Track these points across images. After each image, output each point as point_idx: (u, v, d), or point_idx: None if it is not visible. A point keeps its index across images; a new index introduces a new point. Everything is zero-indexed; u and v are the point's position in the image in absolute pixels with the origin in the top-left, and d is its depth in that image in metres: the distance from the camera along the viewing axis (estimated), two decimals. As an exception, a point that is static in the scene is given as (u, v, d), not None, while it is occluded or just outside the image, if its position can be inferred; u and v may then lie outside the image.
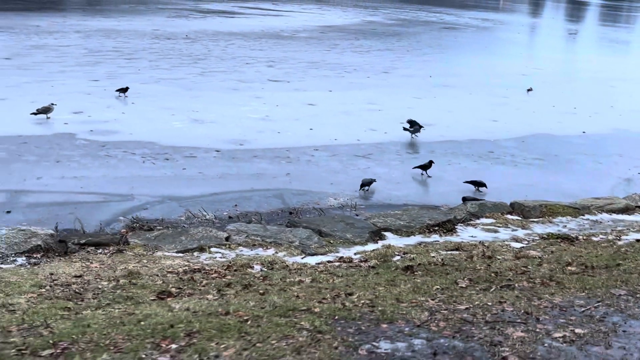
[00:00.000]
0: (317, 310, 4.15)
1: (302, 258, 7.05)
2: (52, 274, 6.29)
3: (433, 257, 6.65)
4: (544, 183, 11.97)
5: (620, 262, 5.59)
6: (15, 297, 5.29)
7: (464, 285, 4.71)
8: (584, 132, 15.93)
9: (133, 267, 6.58)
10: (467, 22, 45.88)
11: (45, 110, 13.64)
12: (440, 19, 46.46)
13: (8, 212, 9.08)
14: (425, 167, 11.57)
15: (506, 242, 7.68)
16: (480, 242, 7.51)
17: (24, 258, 6.87)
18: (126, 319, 4.04)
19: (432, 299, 4.37)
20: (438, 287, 4.71)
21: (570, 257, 5.89)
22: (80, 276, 6.26)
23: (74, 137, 12.73)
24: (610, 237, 7.80)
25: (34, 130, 13.00)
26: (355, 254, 7.19)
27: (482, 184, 11.04)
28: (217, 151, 12.53)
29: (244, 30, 31.60)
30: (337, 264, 6.54)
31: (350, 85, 19.91)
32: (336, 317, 3.99)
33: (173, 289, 5.18)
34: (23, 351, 3.57)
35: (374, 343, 3.56)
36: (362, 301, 4.32)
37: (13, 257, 6.85)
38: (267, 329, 3.79)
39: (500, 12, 64.44)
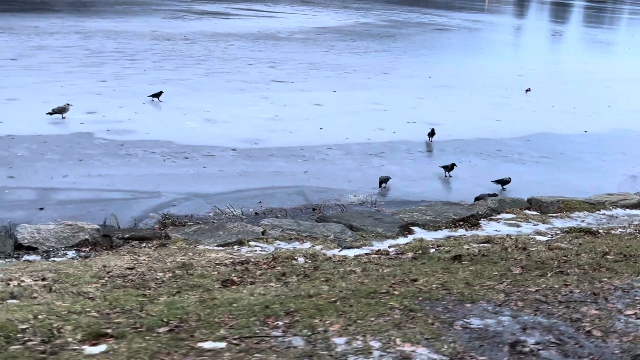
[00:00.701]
0: (396, 292, 4.45)
1: (339, 251, 7.34)
2: (104, 266, 6.54)
3: (467, 249, 6.96)
4: (554, 180, 12.34)
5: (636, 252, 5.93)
6: (84, 286, 5.54)
7: (518, 272, 5.03)
8: (585, 131, 16.35)
9: (181, 259, 6.84)
10: (458, 24, 46.36)
11: (61, 110, 13.83)
12: (432, 20, 46.92)
13: (41, 208, 9.32)
14: (448, 168, 11.88)
15: (531, 236, 8.01)
16: (507, 235, 7.84)
17: (74, 251, 7.12)
18: (216, 302, 4.30)
19: (500, 283, 4.68)
20: (496, 273, 5.02)
21: (604, 248, 6.22)
22: (132, 268, 6.52)
23: (92, 137, 12.94)
24: (629, 231, 8.14)
25: (51, 129, 13.19)
26: (389, 247, 7.49)
27: (507, 182, 11.39)
28: (234, 150, 12.80)
29: (240, 31, 31.82)
30: (375, 256, 6.84)
31: (353, 85, 20.22)
32: (420, 298, 4.29)
33: (235, 278, 5.45)
34: (138, 329, 3.83)
35: (465, 320, 3.86)
36: (434, 285, 4.62)
37: (63, 250, 7.10)
38: (361, 308, 4.08)
39: (488, 14, 65.09)
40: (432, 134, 13.93)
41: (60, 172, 10.84)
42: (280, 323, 3.87)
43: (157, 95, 15.96)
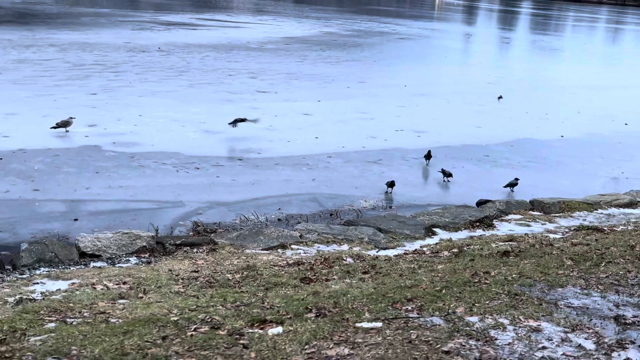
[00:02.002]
0: (489, 280, 5.10)
1: (377, 252, 7.98)
2: (170, 270, 7.06)
3: (495, 247, 7.68)
4: (543, 183, 13.23)
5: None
6: (171, 287, 6.07)
7: (571, 263, 5.73)
8: (562, 136, 17.37)
9: (238, 262, 7.40)
10: (418, 33, 47.59)
11: (65, 123, 14.16)
12: (393, 29, 48.03)
13: (75, 219, 9.72)
14: (447, 174, 12.63)
15: (545, 234, 8.79)
16: (525, 234, 8.60)
17: (135, 258, 7.60)
18: (325, 295, 4.87)
19: (570, 271, 5.38)
20: (554, 264, 5.72)
21: (628, 241, 6.99)
22: (197, 271, 7.06)
23: (101, 150, 13.31)
24: (630, 227, 8.99)
25: (59, 143, 13.51)
26: (421, 247, 8.17)
27: (515, 184, 12.22)
28: (240, 159, 13.34)
29: (211, 42, 32.24)
30: (416, 255, 7.49)
31: (335, 95, 20.91)
32: (514, 285, 4.95)
33: (310, 276, 6.04)
34: (288, 316, 4.38)
35: (565, 300, 4.53)
36: (513, 275, 5.29)
37: (125, 257, 7.57)
38: (471, 295, 4.72)
39: (444, 22, 66.75)
40: (428, 156, 13.63)
41: (81, 185, 11.22)
42: (409, 307, 4.48)
43: (241, 120, 15.14)
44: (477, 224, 9.43)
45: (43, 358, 3.88)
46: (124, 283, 6.38)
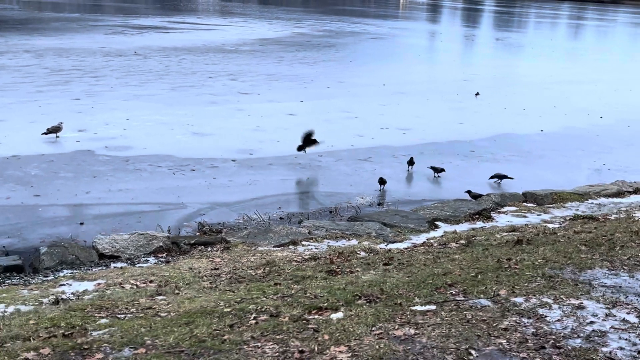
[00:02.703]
0: (518, 266, 5.38)
1: (386, 245, 8.24)
2: (190, 268, 7.24)
3: (500, 237, 7.99)
4: (529, 176, 13.62)
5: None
6: (201, 283, 6.25)
7: (587, 249, 6.05)
8: (542, 131, 17.83)
9: (255, 258, 7.60)
10: (389, 32, 48.08)
11: (55, 129, 14.18)
12: (364, 29, 48.44)
13: (81, 223, 9.81)
14: (438, 170, 12.95)
15: (543, 224, 9.13)
16: (525, 224, 8.93)
17: (153, 257, 7.76)
18: (362, 284, 5.10)
19: (592, 255, 5.68)
20: (571, 250, 6.03)
21: (629, 228, 7.35)
22: (217, 268, 7.24)
23: (94, 154, 13.37)
24: (622, 216, 9.38)
25: (52, 149, 13.54)
26: (428, 239, 8.44)
27: (504, 177, 12.60)
28: (233, 161, 13.50)
29: (186, 45, 32.26)
30: (425, 247, 7.77)
31: (316, 95, 21.15)
32: (545, 269, 5.23)
33: (334, 268, 6.27)
34: (340, 303, 4.59)
35: (598, 280, 4.83)
36: (538, 260, 5.58)
37: (144, 257, 7.72)
38: (508, 278, 4.99)
39: (412, 21, 67.43)
40: (411, 162, 13.31)
41: (81, 189, 11.29)
42: (454, 292, 4.74)
43: (310, 141, 13.77)
44: (477, 216, 9.75)
45: (120, 348, 4.04)
46: (151, 282, 6.54)
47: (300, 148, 13.81)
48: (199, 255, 7.88)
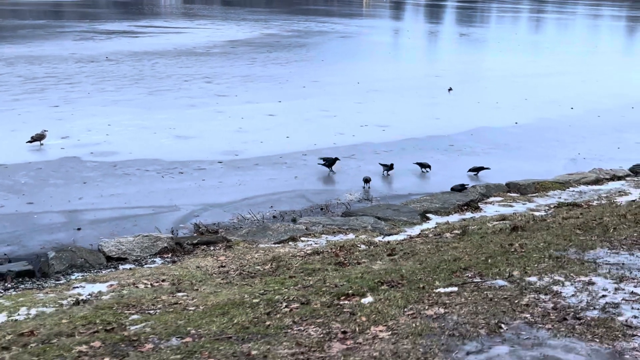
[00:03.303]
0: (524, 249, 5.71)
1: (383, 238, 8.55)
2: (198, 266, 7.47)
3: (493, 225, 8.35)
4: (509, 167, 14.04)
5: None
6: (214, 280, 6.48)
7: (581, 232, 6.41)
8: (516, 123, 18.33)
9: (258, 255, 7.85)
10: (357, 31, 48.50)
11: (40, 137, 14.23)
12: (332, 28, 48.78)
13: (78, 229, 9.95)
14: (424, 165, 13.30)
15: (529, 212, 9.52)
16: (513, 213, 9.31)
17: (159, 258, 7.96)
18: (379, 272, 5.38)
19: (589, 237, 6.03)
20: (568, 234, 6.38)
21: (615, 212, 7.74)
22: (223, 266, 7.48)
23: (81, 160, 13.46)
24: (604, 202, 9.81)
25: (38, 156, 13.60)
26: (422, 231, 8.77)
27: (481, 168, 13.00)
28: (220, 162, 13.70)
29: (157, 49, 32.24)
30: (422, 238, 8.09)
31: (293, 95, 21.40)
32: (550, 250, 5.56)
33: (342, 260, 6.56)
34: (365, 289, 4.86)
35: (602, 259, 5.17)
36: (540, 244, 5.91)
37: (150, 258, 7.93)
38: (517, 261, 5.31)
39: (378, 19, 67.98)
40: (390, 167, 13.04)
41: (73, 195, 11.40)
42: (470, 275, 5.04)
43: (331, 163, 13.22)
44: (465, 207, 10.11)
45: (167, 338, 4.26)
46: (163, 281, 6.76)
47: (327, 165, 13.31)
48: (203, 254, 8.10)
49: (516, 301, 4.46)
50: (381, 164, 13.28)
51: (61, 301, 6.18)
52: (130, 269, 7.54)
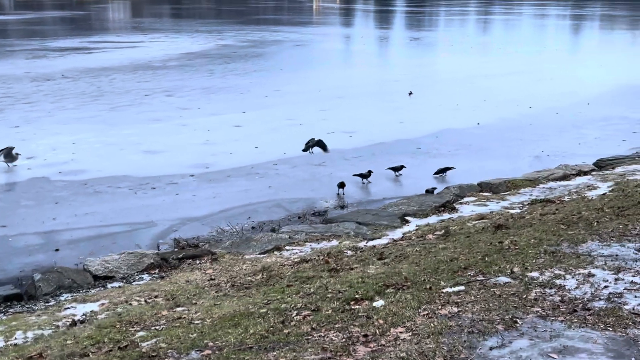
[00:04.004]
0: (517, 246, 5.85)
1: (366, 243, 8.66)
2: (187, 281, 7.48)
3: (472, 225, 8.53)
4: (476, 168, 14.31)
5: (626, 204, 7.75)
6: (208, 293, 6.51)
7: (567, 227, 6.60)
8: (478, 124, 18.68)
9: (246, 266, 7.90)
10: (311, 39, 48.73)
11: (13, 158, 13.98)
12: (286, 37, 48.90)
13: (57, 250, 9.84)
14: (397, 169, 13.47)
15: (505, 210, 9.74)
16: (490, 212, 9.52)
17: (147, 274, 7.93)
18: (376, 276, 5.47)
19: (576, 231, 6.21)
20: (554, 229, 6.56)
21: (592, 206, 7.98)
22: (213, 279, 7.51)
23: (50, 180, 13.27)
24: (574, 197, 10.10)
25: (5, 178, 13.44)
26: (404, 234, 8.92)
27: (446, 169, 13.23)
28: (192, 176, 13.66)
29: (113, 64, 31.91)
30: (407, 241, 8.22)
31: (256, 105, 21.41)
32: (543, 246, 5.72)
33: (337, 267, 6.64)
34: (371, 293, 4.93)
35: (596, 252, 5.34)
36: (531, 240, 6.07)
37: (137, 274, 7.90)
38: (514, 257, 5.45)
39: (330, 26, 68.42)
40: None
41: (46, 216, 11.26)
42: (471, 274, 5.17)
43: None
44: (442, 208, 10.29)
45: (188, 351, 4.27)
46: (156, 297, 6.75)
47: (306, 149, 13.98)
48: (190, 268, 8.10)
49: (524, 296, 4.61)
50: (356, 175, 13.30)
51: (56, 322, 6.13)
52: (119, 287, 7.50)
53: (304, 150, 14.25)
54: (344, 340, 4.12)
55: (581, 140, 16.86)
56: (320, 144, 14.60)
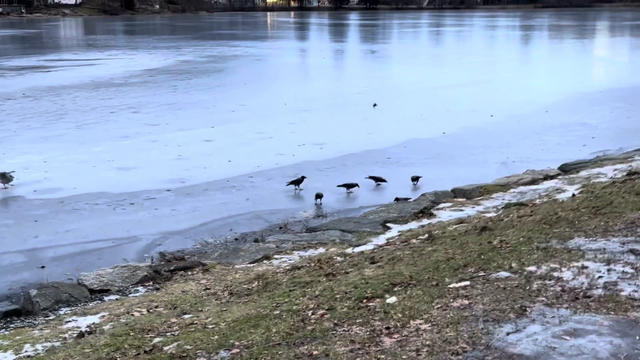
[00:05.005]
0: (509, 245, 6.18)
1: (353, 249, 8.94)
2: (184, 291, 7.66)
3: (453, 229, 8.88)
4: (446, 175, 14.71)
5: (599, 204, 8.17)
6: (210, 302, 6.70)
7: (549, 226, 6.97)
8: (444, 133, 19.16)
9: (239, 275, 8.11)
10: (270, 53, 49.14)
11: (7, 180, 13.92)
12: (245, 52, 49.21)
13: (42, 267, 9.87)
14: (378, 179, 13.79)
15: (481, 214, 10.14)
16: (468, 216, 9.90)
17: (142, 287, 8.07)
18: (378, 277, 5.73)
19: (564, 230, 6.55)
20: (538, 229, 6.89)
21: (568, 207, 8.37)
22: (209, 288, 7.70)
23: (26, 199, 13.24)
24: (545, 200, 10.55)
25: (-20, 198, 13.31)
26: (388, 239, 9.22)
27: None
28: (168, 191, 13.77)
29: (73, 82, 31.73)
30: (394, 246, 8.52)
31: (224, 120, 21.59)
32: (535, 243, 6.06)
33: (332, 272, 6.89)
34: (379, 292, 5.19)
35: (585, 247, 5.69)
36: (520, 238, 6.41)
37: (133, 287, 8.03)
38: (510, 254, 5.76)
39: (287, 40, 68.99)
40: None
41: (27, 234, 11.26)
42: (472, 270, 5.47)
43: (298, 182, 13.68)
44: (420, 214, 10.64)
45: (216, 351, 4.45)
46: (156, 307, 6.91)
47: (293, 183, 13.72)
48: (184, 279, 8.26)
49: (527, 288, 4.93)
50: (341, 185, 13.51)
51: (62, 335, 6.24)
52: (117, 299, 7.62)
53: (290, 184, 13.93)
54: (368, 333, 4.37)
55: (543, 146, 17.45)
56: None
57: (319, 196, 12.81)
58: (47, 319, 7.12)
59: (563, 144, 17.77)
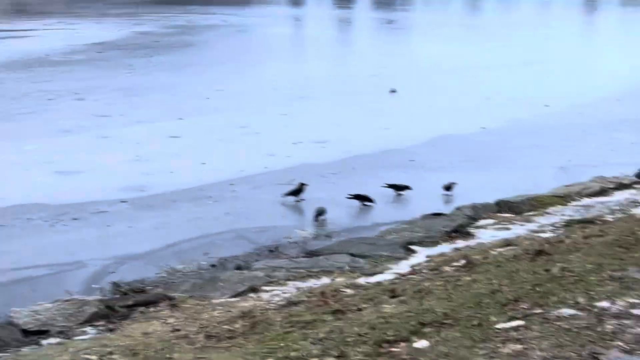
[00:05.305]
0: (574, 274, 6.24)
1: (367, 279, 9.01)
2: (145, 333, 7.70)
3: (498, 253, 8.95)
4: (488, 183, 14.76)
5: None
6: (180, 345, 6.76)
7: (624, 250, 7.05)
8: (483, 128, 19.24)
9: (219, 313, 8.16)
10: (255, 22, 49.37)
11: None
12: (223, 20, 49.39)
13: (-39, 301, 9.89)
14: (399, 187, 13.84)
15: (534, 234, 10.21)
16: (517, 236, 9.97)
17: (91, 327, 8.12)
18: (399, 316, 5.78)
19: (631, 256, 6.66)
20: (614, 252, 6.97)
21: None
22: (178, 329, 7.73)
23: (-63, 212, 13.27)
24: (619, 216, 10.63)
25: None
26: (412, 267, 9.29)
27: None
28: (124, 202, 13.79)
29: (-2, 59, 31.79)
30: (419, 275, 8.59)
31: (196, 109, 21.67)
32: (606, 272, 6.11)
33: (338, 308, 6.95)
34: (403, 335, 5.23)
35: None
36: (587, 265, 6.48)
37: (78, 328, 8.08)
38: (574, 286, 5.83)
39: (275, 5, 69.16)
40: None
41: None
42: (524, 306, 5.52)
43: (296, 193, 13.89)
44: (455, 234, 10.70)
45: None
46: (110, 353, 6.95)
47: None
48: (145, 318, 8.29)
49: (599, 329, 4.98)
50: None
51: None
52: (58, 343, 7.64)
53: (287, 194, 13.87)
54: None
55: (615, 146, 17.50)
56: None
57: (320, 213, 12.77)
58: (-36, 370, 7.15)
59: (640, 144, 17.80)
